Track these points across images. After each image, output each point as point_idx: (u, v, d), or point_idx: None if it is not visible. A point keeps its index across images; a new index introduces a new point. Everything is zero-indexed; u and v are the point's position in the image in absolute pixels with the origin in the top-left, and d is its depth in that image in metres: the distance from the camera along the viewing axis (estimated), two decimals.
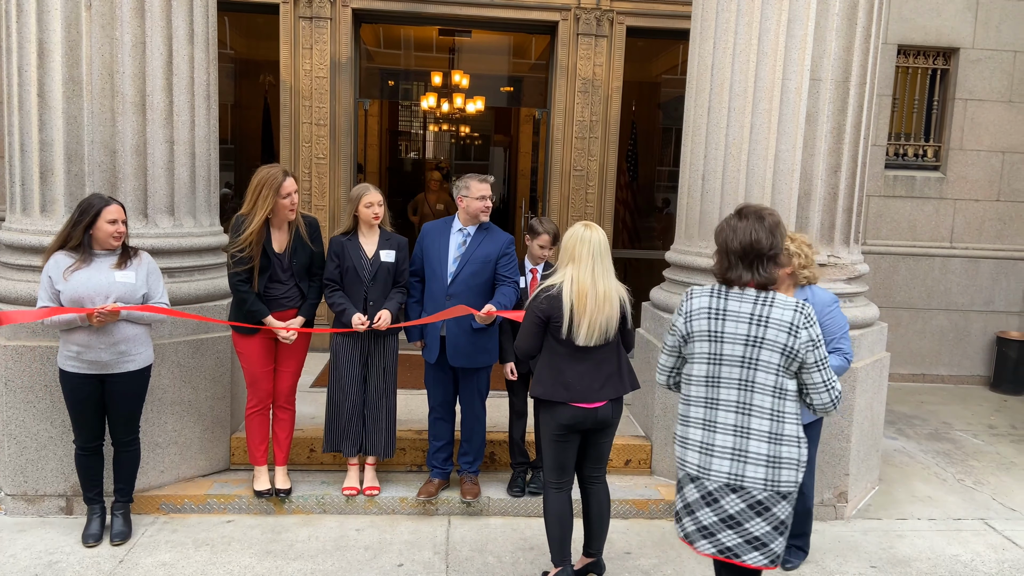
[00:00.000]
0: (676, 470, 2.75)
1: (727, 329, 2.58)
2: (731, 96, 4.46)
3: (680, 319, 2.69)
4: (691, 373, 2.67)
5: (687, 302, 2.68)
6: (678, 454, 2.71)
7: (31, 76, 4.02)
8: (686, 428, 2.68)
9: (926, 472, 5.23)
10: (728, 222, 2.64)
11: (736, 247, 2.56)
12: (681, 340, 2.69)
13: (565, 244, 3.33)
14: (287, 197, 3.91)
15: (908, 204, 7.36)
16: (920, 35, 7.15)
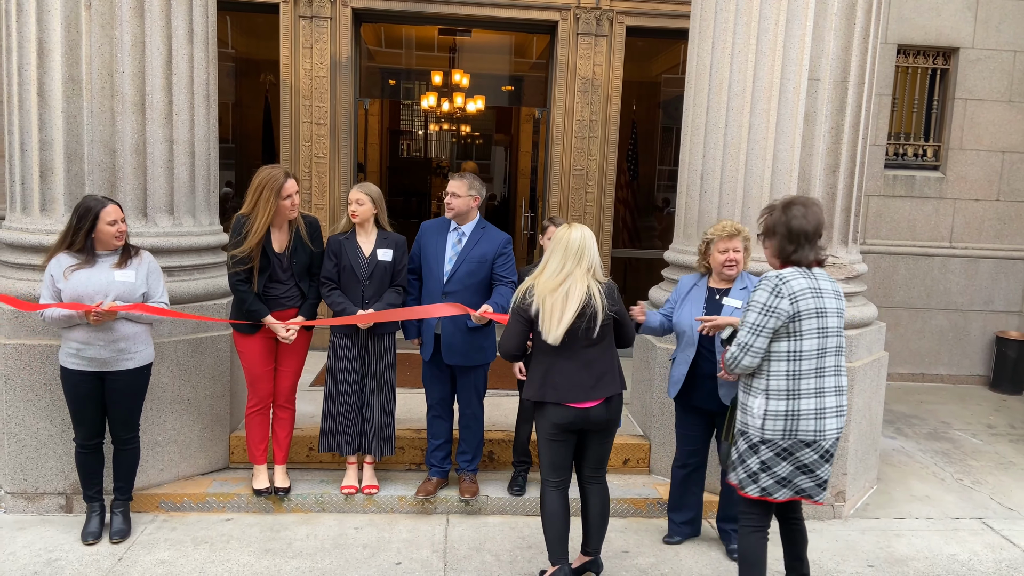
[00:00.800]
0: (755, 440, 3.02)
1: (827, 304, 2.96)
2: (730, 96, 4.47)
3: (784, 301, 2.90)
4: (799, 349, 2.94)
5: (784, 285, 2.91)
6: (782, 428, 2.95)
7: (31, 75, 4.03)
8: (796, 401, 2.94)
9: (924, 471, 5.23)
10: (793, 209, 2.98)
11: (810, 230, 2.97)
12: (786, 321, 2.92)
13: (553, 245, 3.33)
14: (288, 198, 3.92)
15: (908, 204, 7.36)
16: (920, 35, 7.16)
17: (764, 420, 2.97)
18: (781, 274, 2.95)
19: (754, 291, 2.99)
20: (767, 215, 3.08)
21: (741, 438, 3.09)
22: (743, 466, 3.08)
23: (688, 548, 4.04)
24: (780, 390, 2.96)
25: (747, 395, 3.06)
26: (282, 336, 4.00)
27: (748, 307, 3.00)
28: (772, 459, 3.00)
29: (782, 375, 2.96)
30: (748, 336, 2.97)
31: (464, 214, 4.12)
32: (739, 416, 3.12)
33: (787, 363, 2.95)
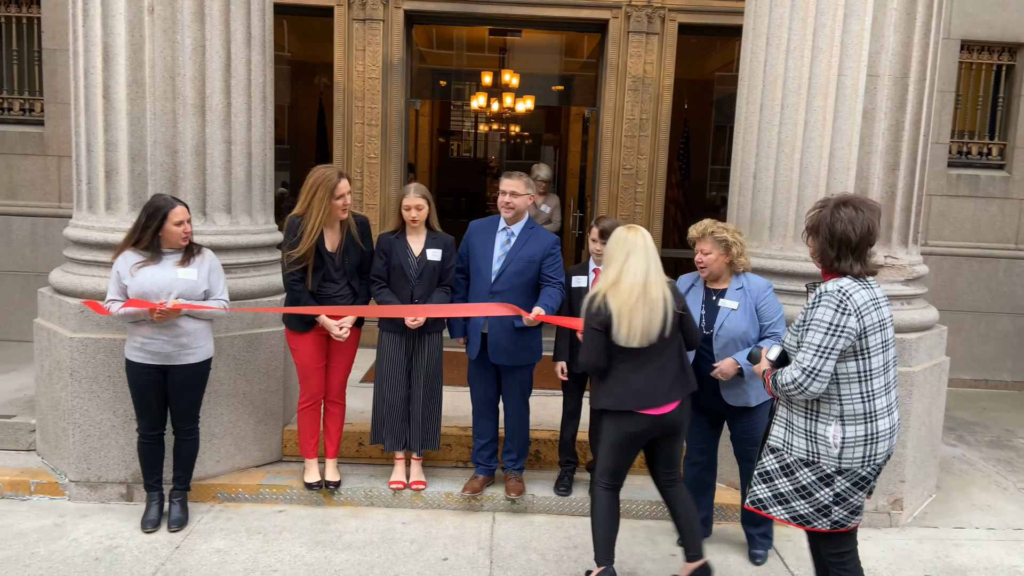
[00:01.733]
0: (830, 470, 2.74)
1: (885, 315, 2.76)
2: (784, 92, 4.39)
3: (851, 319, 2.65)
4: (869, 368, 2.72)
5: (848, 300, 2.65)
6: (862, 454, 2.72)
7: (97, 78, 4.19)
8: (874, 423, 2.73)
9: (986, 480, 5.06)
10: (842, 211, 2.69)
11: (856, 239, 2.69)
12: (855, 339, 2.67)
13: (607, 248, 3.32)
14: (340, 198, 3.98)
15: (971, 204, 7.12)
16: (984, 30, 6.91)
17: (843, 449, 2.71)
18: (843, 288, 2.67)
19: (814, 308, 2.69)
20: (816, 210, 2.80)
21: (806, 468, 2.77)
22: (808, 500, 2.77)
23: (737, 553, 3.98)
24: (857, 414, 2.71)
25: (813, 421, 2.77)
26: (335, 334, 4.06)
27: (810, 326, 2.70)
28: (849, 490, 2.74)
29: (857, 398, 2.72)
30: (815, 360, 2.66)
31: (521, 213, 4.15)
32: (801, 444, 2.80)
33: (860, 384, 2.71)
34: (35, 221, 6.84)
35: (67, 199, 6.77)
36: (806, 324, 2.73)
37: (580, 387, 4.36)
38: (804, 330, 2.73)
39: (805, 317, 2.74)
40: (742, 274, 3.78)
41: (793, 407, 2.83)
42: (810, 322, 2.70)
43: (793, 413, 2.83)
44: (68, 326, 4.19)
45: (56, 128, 6.75)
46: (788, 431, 2.83)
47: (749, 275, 3.80)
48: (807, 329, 2.71)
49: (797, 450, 2.79)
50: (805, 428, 2.79)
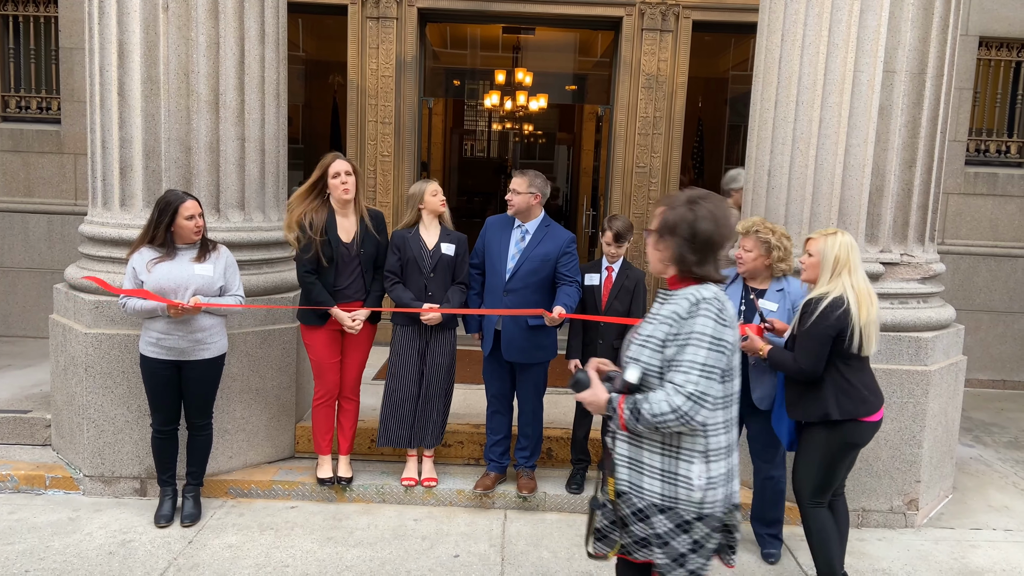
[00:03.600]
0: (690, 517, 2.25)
1: (736, 332, 2.29)
2: (799, 89, 4.35)
3: (729, 331, 2.20)
4: (732, 391, 2.28)
5: (725, 310, 2.20)
6: (723, 495, 2.26)
7: (112, 76, 4.21)
8: (732, 456, 2.30)
9: (1003, 481, 5.00)
10: (702, 207, 2.25)
11: (719, 240, 2.25)
12: (730, 355, 2.23)
13: (836, 254, 3.23)
14: (336, 177, 4.01)
15: (990, 202, 7.04)
16: (1003, 26, 6.83)
17: (706, 491, 2.23)
18: (717, 294, 2.23)
19: (692, 318, 2.17)
20: (666, 209, 2.29)
21: (660, 515, 2.25)
22: (663, 549, 2.27)
23: (751, 552, 3.94)
24: (721, 447, 2.24)
25: (673, 459, 2.24)
26: (348, 326, 4.07)
27: (689, 341, 2.16)
28: (707, 536, 2.26)
29: (721, 428, 2.25)
30: (702, 381, 2.14)
31: (525, 211, 4.13)
32: (654, 488, 2.26)
33: (724, 411, 2.25)
34: (52, 218, 6.90)
35: (83, 196, 6.83)
36: (680, 338, 2.19)
37: None
38: (679, 345, 2.18)
39: (677, 331, 2.20)
40: (782, 278, 3.73)
41: (643, 442, 2.28)
42: (688, 336, 2.17)
43: (643, 449, 2.28)
44: (83, 322, 4.22)
45: (73, 126, 6.80)
46: (636, 471, 2.30)
47: (790, 278, 3.75)
48: (684, 344, 2.17)
49: (649, 494, 2.26)
50: (661, 468, 2.26)
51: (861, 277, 3.24)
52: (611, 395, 2.29)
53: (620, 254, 4.27)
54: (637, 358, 2.27)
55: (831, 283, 3.22)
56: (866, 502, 4.29)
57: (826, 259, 3.24)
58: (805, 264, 3.35)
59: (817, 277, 3.30)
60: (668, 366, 2.20)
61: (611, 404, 2.28)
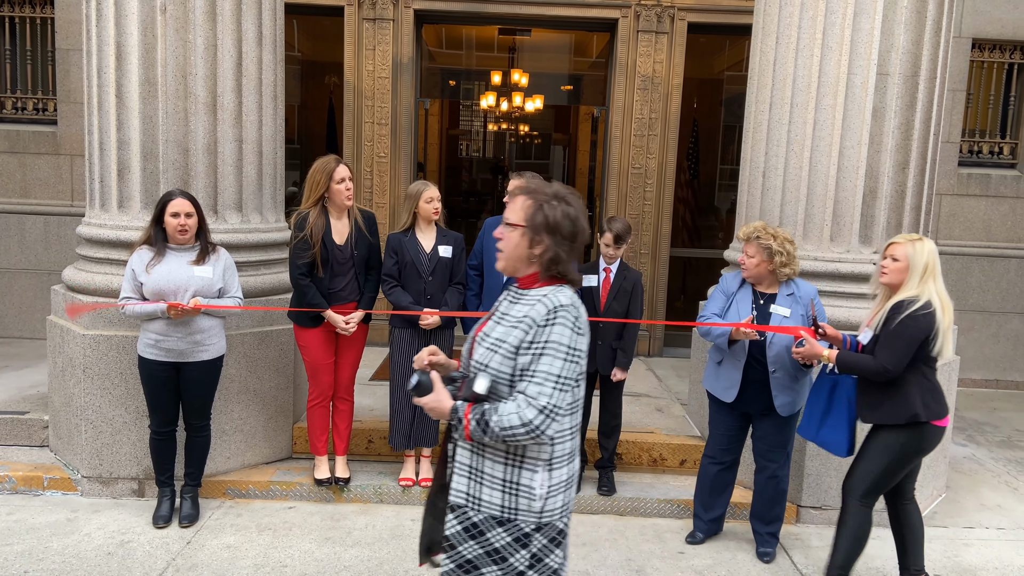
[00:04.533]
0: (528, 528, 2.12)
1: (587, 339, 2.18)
2: (794, 91, 4.39)
3: (583, 339, 2.09)
4: (577, 398, 2.14)
5: (580, 318, 2.09)
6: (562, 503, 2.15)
7: (110, 78, 4.22)
8: (573, 463, 2.20)
9: (996, 480, 5.04)
10: (573, 205, 2.15)
11: (586, 239, 2.17)
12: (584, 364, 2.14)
13: (926, 260, 3.26)
14: (341, 182, 4.01)
15: (983, 203, 7.09)
16: (996, 28, 6.88)
17: (546, 500, 2.12)
18: (573, 300, 2.10)
19: (549, 326, 2.04)
20: (538, 204, 2.12)
21: (499, 528, 2.12)
22: (501, 566, 2.14)
23: (745, 551, 3.98)
24: (564, 454, 2.15)
25: (515, 469, 2.11)
26: (341, 328, 4.08)
27: (545, 350, 2.03)
28: (545, 548, 2.14)
29: (567, 434, 2.15)
30: (556, 394, 2.02)
31: None
32: (494, 499, 2.12)
33: (569, 418, 2.14)
34: (48, 220, 6.90)
35: (80, 198, 6.83)
36: (535, 346, 2.04)
37: (590, 386, 4.38)
38: (533, 354, 2.04)
39: (532, 338, 2.05)
40: (790, 281, 3.75)
41: (486, 451, 2.14)
42: (544, 345, 2.03)
43: (484, 459, 2.14)
44: (81, 323, 4.23)
45: (69, 127, 6.81)
46: (475, 482, 2.16)
47: (798, 280, 3.77)
48: (540, 354, 2.03)
49: (488, 506, 2.13)
50: (503, 478, 2.13)
51: (941, 283, 3.29)
52: (456, 403, 2.10)
53: (618, 255, 4.29)
54: (486, 364, 2.10)
55: (918, 288, 3.24)
56: None
57: (915, 265, 3.25)
58: (888, 268, 3.32)
59: (902, 282, 3.29)
60: (520, 375, 2.06)
61: (456, 412, 2.08)
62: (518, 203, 2.14)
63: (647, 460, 4.74)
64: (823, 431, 3.56)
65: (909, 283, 3.26)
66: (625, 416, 4.50)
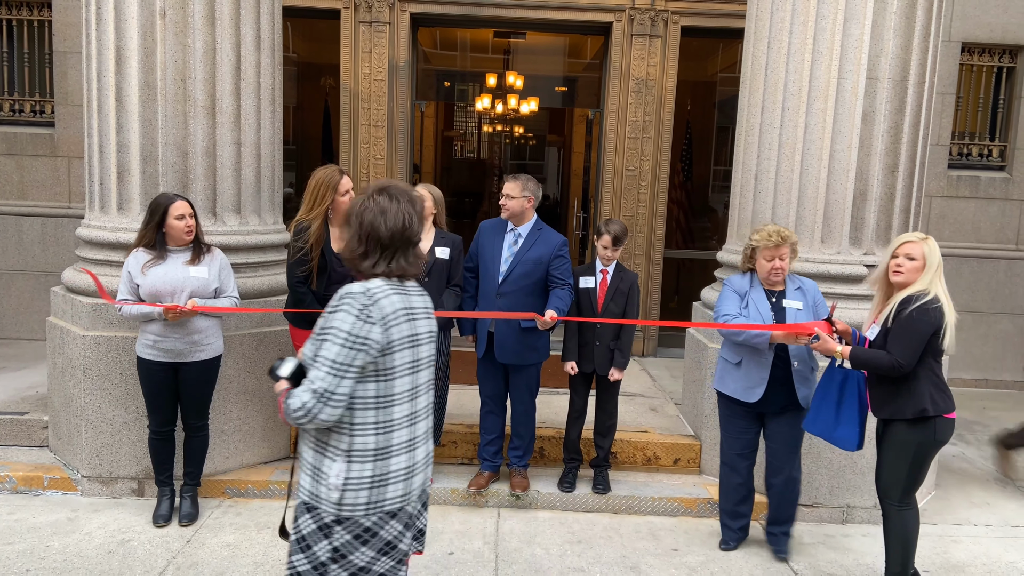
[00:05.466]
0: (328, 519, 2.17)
1: (421, 330, 2.28)
2: (785, 95, 4.46)
3: (375, 329, 2.13)
4: (391, 392, 2.20)
5: (374, 306, 2.13)
6: (366, 500, 2.17)
7: (109, 81, 4.26)
8: (386, 461, 2.20)
9: (985, 478, 5.12)
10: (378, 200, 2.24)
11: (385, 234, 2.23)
12: (377, 355, 2.15)
13: (938, 258, 3.33)
14: (346, 194, 4.05)
15: (972, 205, 7.18)
16: (985, 32, 6.97)
17: (344, 492, 2.16)
18: (369, 289, 2.16)
19: (333, 313, 2.15)
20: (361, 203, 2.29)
21: (307, 515, 2.21)
22: (306, 554, 2.19)
23: (738, 548, 4.04)
24: (368, 449, 2.17)
25: (320, 455, 2.20)
26: None
27: (323, 335, 2.14)
28: (349, 544, 2.18)
29: (371, 429, 2.18)
30: (329, 379, 2.09)
31: (519, 215, 4.21)
32: (304, 482, 2.24)
33: (376, 412, 2.18)
34: (45, 221, 6.93)
35: (77, 199, 6.86)
36: (322, 332, 2.16)
37: (587, 386, 4.44)
38: (319, 340, 2.16)
39: (323, 324, 2.17)
40: (793, 275, 3.84)
41: (306, 437, 2.26)
42: (326, 331, 2.14)
43: (304, 444, 2.26)
44: (81, 324, 4.27)
45: (66, 130, 6.84)
46: (301, 466, 2.28)
47: (795, 275, 3.86)
48: (323, 339, 2.14)
49: (303, 491, 2.23)
50: (312, 464, 2.22)
51: (943, 280, 3.36)
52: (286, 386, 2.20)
53: (615, 257, 4.35)
54: (305, 351, 2.22)
55: (927, 284, 3.31)
56: (850, 499, 4.40)
57: (931, 262, 3.32)
58: (904, 268, 3.36)
59: (914, 281, 3.35)
60: (314, 360, 2.15)
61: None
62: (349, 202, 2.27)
63: (641, 459, 4.80)
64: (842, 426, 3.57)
65: (921, 280, 3.33)
66: (620, 416, 4.56)
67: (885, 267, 3.44)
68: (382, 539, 2.21)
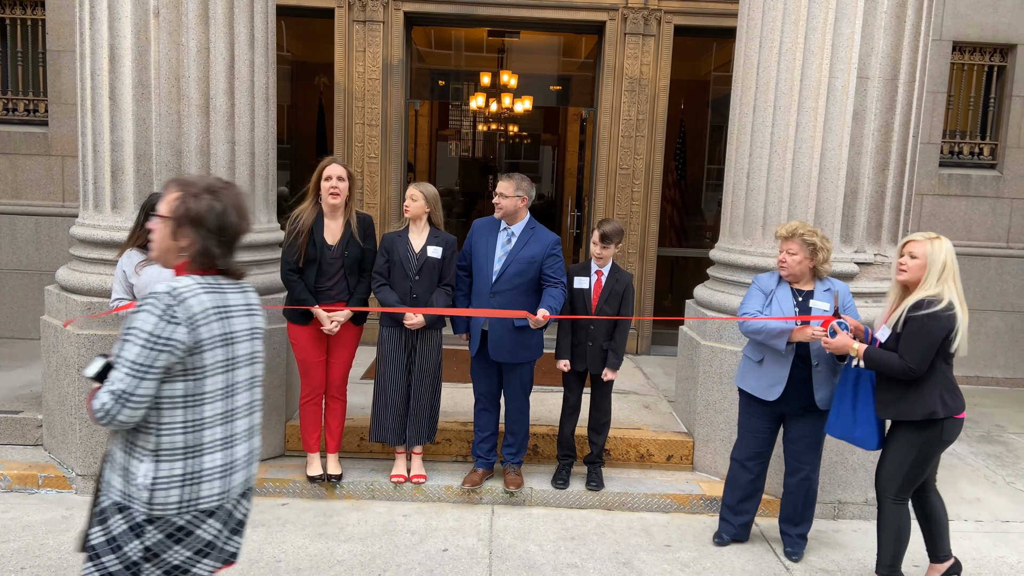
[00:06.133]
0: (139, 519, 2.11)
1: (238, 328, 2.25)
2: (777, 94, 4.49)
3: (180, 329, 2.08)
4: (202, 391, 2.16)
5: (179, 306, 2.08)
6: (177, 498, 2.12)
7: (103, 80, 4.27)
8: (198, 459, 2.16)
9: (975, 474, 5.16)
10: (226, 195, 2.22)
11: (242, 230, 2.24)
12: (183, 355, 2.10)
13: (944, 259, 3.32)
14: (327, 180, 4.10)
15: (963, 203, 7.23)
16: (976, 32, 7.01)
17: (154, 491, 2.11)
18: (175, 289, 2.11)
19: (136, 312, 2.09)
20: (186, 195, 2.18)
21: (119, 515, 2.14)
22: (117, 555, 2.13)
23: (730, 544, 4.07)
24: (176, 448, 2.14)
25: (128, 455, 2.15)
26: (326, 327, 4.15)
27: (125, 335, 2.08)
28: (162, 543, 2.13)
29: (178, 427, 2.14)
30: (128, 380, 2.04)
31: (512, 214, 4.23)
32: (114, 482, 2.16)
33: (185, 411, 2.14)
34: (39, 220, 6.92)
35: (71, 198, 6.85)
36: (125, 332, 2.10)
37: (581, 383, 4.46)
38: (121, 340, 2.10)
39: (127, 324, 2.11)
40: (826, 279, 3.82)
41: (116, 437, 2.21)
42: (128, 331, 2.08)
43: (115, 445, 2.21)
44: (75, 323, 4.28)
45: (60, 128, 6.83)
46: (108, 465, 2.22)
47: (832, 279, 3.84)
48: (124, 340, 2.08)
49: (114, 491, 2.16)
50: (122, 464, 2.16)
51: (959, 282, 3.37)
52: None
53: (607, 256, 4.36)
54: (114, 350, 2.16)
55: (937, 287, 3.31)
56: (842, 495, 4.43)
57: (933, 263, 3.32)
58: (907, 266, 3.38)
59: (919, 279, 3.36)
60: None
61: None
62: (168, 196, 2.20)
63: (635, 456, 4.83)
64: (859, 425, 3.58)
65: (927, 281, 3.33)
66: (613, 413, 4.59)
67: (895, 266, 3.48)
68: (199, 538, 2.20)
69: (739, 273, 4.65)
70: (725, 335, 4.61)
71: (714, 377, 4.63)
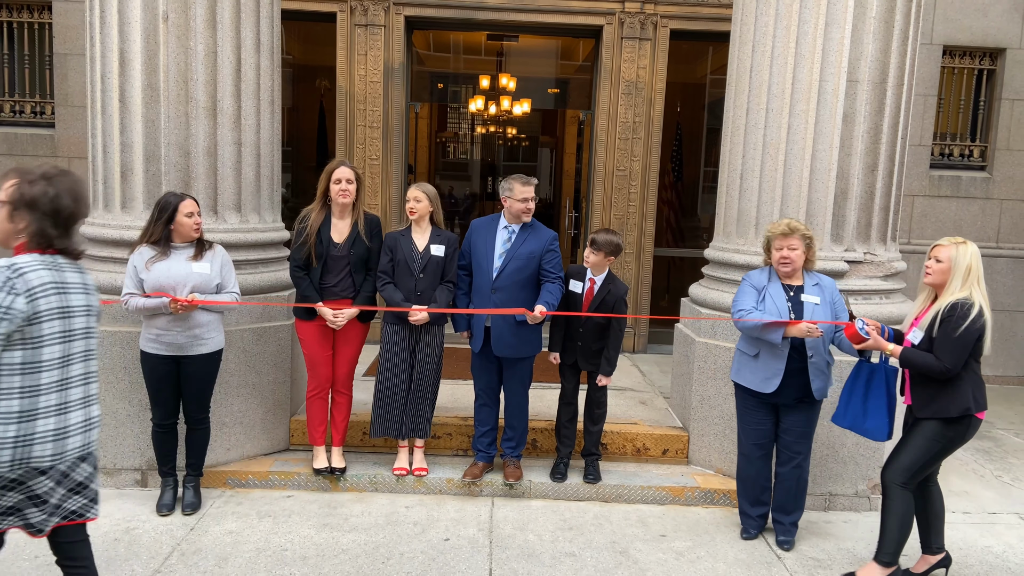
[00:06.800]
0: None
1: (75, 303, 2.47)
2: (769, 97, 4.61)
3: (19, 300, 2.31)
4: (39, 359, 2.39)
5: (19, 279, 2.32)
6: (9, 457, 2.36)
7: (113, 83, 4.38)
8: (31, 423, 2.39)
9: (964, 468, 5.28)
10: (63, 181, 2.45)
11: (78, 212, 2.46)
12: (22, 324, 2.34)
13: (969, 263, 3.43)
14: (337, 183, 4.22)
15: (953, 204, 7.36)
16: (966, 36, 7.15)
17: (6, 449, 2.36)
18: (16, 264, 2.35)
19: None
20: (22, 182, 2.41)
21: None
22: None
23: (724, 533, 4.19)
24: (10, 412, 2.36)
25: None
26: (329, 322, 4.26)
27: None
28: (51, 489, 2.46)
29: (15, 393, 2.37)
30: None
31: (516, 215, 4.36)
32: None
33: (21, 377, 2.37)
34: None
35: None
36: None
37: (576, 374, 4.57)
38: None
39: None
40: (813, 272, 3.95)
41: None
42: None
43: None
44: None
45: (67, 130, 6.94)
46: None
47: (815, 272, 3.96)
48: None
49: None
50: None
51: (983, 284, 3.48)
52: None
53: (599, 264, 4.43)
54: None
55: (963, 290, 3.43)
56: (832, 486, 4.55)
57: (958, 266, 3.44)
58: (932, 269, 3.50)
59: (945, 283, 3.48)
60: None
61: None
62: (6, 183, 2.42)
63: (631, 450, 4.94)
64: (871, 417, 3.72)
65: (952, 284, 3.45)
66: (610, 408, 4.70)
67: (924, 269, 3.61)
68: (31, 490, 2.44)
69: (733, 271, 4.77)
70: (720, 332, 4.72)
71: (709, 373, 4.75)
